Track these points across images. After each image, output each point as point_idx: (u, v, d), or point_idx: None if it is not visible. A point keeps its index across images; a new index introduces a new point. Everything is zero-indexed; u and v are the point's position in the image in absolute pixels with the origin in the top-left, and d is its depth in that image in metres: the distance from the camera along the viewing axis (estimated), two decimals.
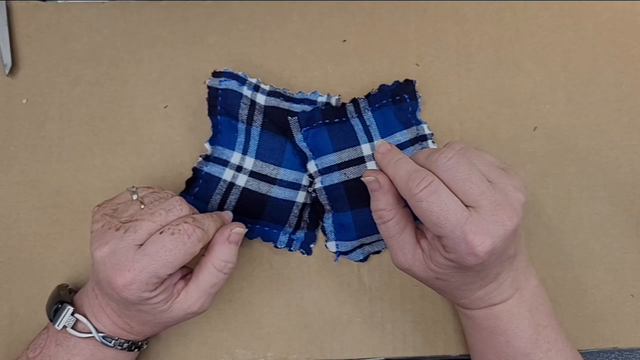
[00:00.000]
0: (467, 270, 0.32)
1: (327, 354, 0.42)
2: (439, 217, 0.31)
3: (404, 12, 0.45)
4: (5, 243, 0.43)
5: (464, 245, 0.30)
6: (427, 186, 0.31)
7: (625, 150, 0.44)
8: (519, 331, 0.35)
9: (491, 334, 0.36)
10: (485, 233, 0.30)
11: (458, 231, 0.30)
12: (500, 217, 0.31)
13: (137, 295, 0.32)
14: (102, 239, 0.33)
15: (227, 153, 0.42)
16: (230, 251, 0.36)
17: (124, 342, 0.36)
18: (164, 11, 0.45)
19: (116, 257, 0.32)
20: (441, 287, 0.35)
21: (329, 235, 0.42)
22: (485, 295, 0.35)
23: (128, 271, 0.32)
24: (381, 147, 0.35)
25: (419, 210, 0.31)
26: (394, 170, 0.34)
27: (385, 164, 0.35)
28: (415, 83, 0.43)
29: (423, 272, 0.34)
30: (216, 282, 0.36)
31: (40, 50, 0.44)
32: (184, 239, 0.33)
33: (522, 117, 0.44)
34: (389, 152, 0.35)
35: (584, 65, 0.45)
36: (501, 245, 0.31)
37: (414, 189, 0.31)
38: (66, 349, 0.35)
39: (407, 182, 0.32)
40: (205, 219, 0.35)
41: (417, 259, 0.34)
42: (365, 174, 0.36)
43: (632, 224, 0.44)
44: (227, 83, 0.41)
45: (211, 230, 0.35)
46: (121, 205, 0.35)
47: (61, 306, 0.36)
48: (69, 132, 0.44)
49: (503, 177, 0.33)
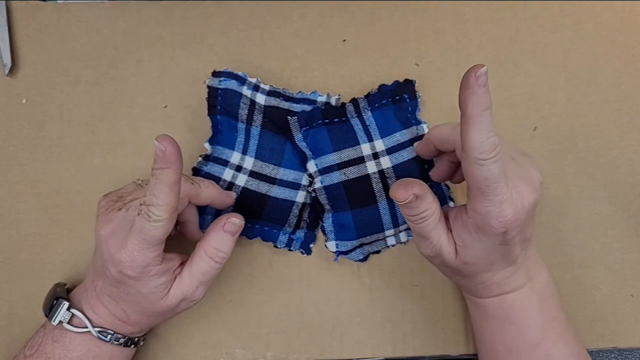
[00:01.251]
0: (489, 238, 0.33)
1: (326, 354, 0.42)
2: (490, 184, 0.30)
3: (404, 12, 0.45)
4: (4, 243, 0.43)
5: (497, 212, 0.31)
6: (496, 155, 0.30)
7: (625, 150, 0.44)
8: (530, 321, 0.35)
9: (502, 324, 0.36)
10: (512, 203, 0.31)
11: (497, 200, 0.31)
12: (524, 189, 0.32)
13: (139, 267, 0.33)
14: (106, 219, 0.35)
15: (226, 153, 0.42)
16: (223, 240, 0.36)
17: (120, 337, 0.36)
18: (164, 11, 0.45)
19: (118, 234, 0.33)
20: (465, 273, 0.35)
21: (329, 235, 0.42)
22: (501, 280, 0.35)
23: (127, 244, 0.33)
24: (482, 78, 0.29)
25: (477, 172, 0.30)
26: (478, 119, 0.29)
27: (476, 104, 0.29)
28: (415, 83, 0.43)
29: (452, 259, 0.35)
30: (207, 269, 0.36)
31: (40, 50, 0.44)
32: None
33: (522, 117, 0.44)
34: (484, 90, 0.29)
35: (584, 65, 0.45)
36: (523, 217, 0.32)
37: (486, 154, 0.30)
38: (62, 345, 0.36)
39: (484, 144, 0.29)
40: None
41: (450, 243, 0.34)
42: (398, 194, 0.33)
43: (631, 224, 0.44)
44: (227, 83, 0.42)
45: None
46: (126, 193, 0.37)
47: (57, 302, 0.36)
48: (69, 132, 0.44)
49: (523, 156, 0.35)
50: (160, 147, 0.30)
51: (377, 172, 0.41)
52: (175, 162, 0.31)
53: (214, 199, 0.39)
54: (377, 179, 0.41)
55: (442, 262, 0.35)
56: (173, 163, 0.30)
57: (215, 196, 0.39)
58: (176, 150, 0.31)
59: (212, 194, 0.38)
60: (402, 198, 0.33)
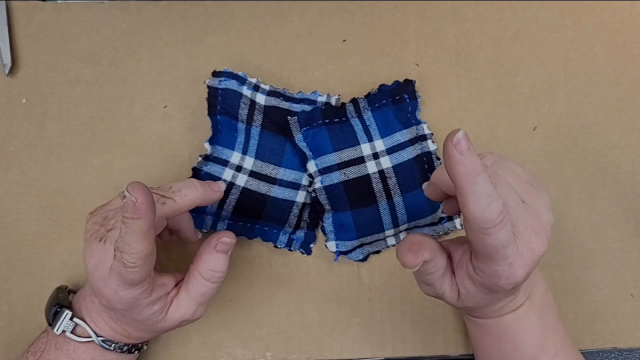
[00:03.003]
0: (497, 294, 0.31)
1: (326, 354, 0.42)
2: (498, 251, 0.28)
3: (404, 12, 0.45)
4: (4, 243, 0.43)
5: (506, 275, 0.29)
6: (502, 221, 0.27)
7: (625, 150, 0.44)
8: (527, 337, 0.35)
9: (498, 340, 0.36)
10: (523, 262, 0.29)
11: (507, 263, 0.29)
12: (536, 244, 0.29)
13: (127, 303, 0.32)
14: (89, 249, 0.33)
15: (226, 153, 0.42)
16: (217, 261, 0.35)
17: (123, 346, 0.36)
18: (164, 11, 0.45)
19: (100, 269, 0.32)
20: (465, 311, 0.35)
21: (329, 235, 0.42)
22: (500, 307, 0.35)
23: (109, 283, 0.32)
24: (462, 144, 0.26)
25: (481, 241, 0.28)
26: (471, 187, 0.26)
27: (464, 173, 0.26)
28: (414, 83, 0.43)
29: (454, 302, 0.33)
30: (205, 291, 0.35)
31: (39, 50, 0.44)
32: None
33: (522, 117, 0.44)
34: (469, 156, 0.26)
35: (584, 65, 0.45)
36: (532, 269, 0.30)
37: (490, 222, 0.27)
38: (66, 353, 0.35)
39: (485, 212, 0.27)
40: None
41: (453, 289, 0.33)
42: (407, 261, 0.31)
43: (631, 224, 0.44)
44: (227, 83, 0.42)
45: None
46: (111, 213, 0.35)
47: (60, 310, 0.36)
48: (69, 132, 0.44)
49: (534, 195, 0.31)
50: (132, 198, 0.28)
51: (377, 172, 0.41)
52: (146, 212, 0.29)
53: (198, 202, 0.36)
54: (377, 179, 0.41)
55: (443, 300, 0.34)
56: (144, 214, 0.29)
57: (198, 198, 0.35)
58: (148, 200, 0.29)
59: (192, 198, 0.35)
60: (412, 265, 0.31)
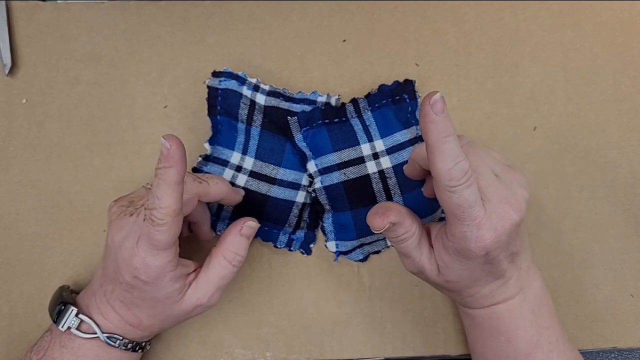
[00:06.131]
0: (470, 261, 0.32)
1: (326, 354, 0.42)
2: (464, 210, 0.30)
3: (404, 12, 0.45)
4: (4, 243, 0.43)
5: (475, 237, 0.31)
6: (467, 180, 0.29)
7: (625, 150, 0.44)
8: (520, 331, 0.35)
9: (492, 334, 0.36)
10: (491, 226, 0.31)
11: (474, 224, 0.30)
12: (506, 210, 0.31)
13: (154, 273, 0.33)
14: (118, 225, 0.34)
15: (226, 153, 0.42)
16: (241, 243, 0.37)
17: (128, 343, 0.36)
18: (164, 11, 0.45)
19: (130, 240, 0.33)
20: (450, 288, 0.35)
21: (329, 235, 0.42)
22: (489, 293, 0.35)
23: (138, 251, 0.32)
24: (438, 104, 0.28)
25: (448, 199, 0.30)
26: (441, 147, 0.29)
27: (435, 132, 0.29)
28: (414, 83, 0.43)
29: (435, 276, 0.35)
30: (225, 273, 0.36)
31: (39, 50, 0.44)
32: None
33: (522, 117, 0.44)
34: (442, 117, 0.28)
35: (584, 65, 0.45)
36: (505, 238, 0.31)
37: (455, 181, 0.29)
38: (71, 351, 0.35)
39: (451, 171, 0.29)
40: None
41: (432, 262, 0.34)
42: (375, 223, 0.34)
43: (631, 224, 0.44)
44: (227, 83, 0.42)
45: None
46: (137, 198, 0.37)
47: (64, 307, 0.36)
48: (69, 132, 0.44)
49: (508, 172, 0.33)
50: (166, 145, 0.30)
51: (377, 172, 0.41)
52: (178, 161, 0.30)
53: (224, 195, 0.38)
54: (377, 179, 0.41)
55: (425, 278, 0.36)
56: (177, 162, 0.30)
57: (225, 192, 0.38)
58: (181, 150, 0.30)
59: (222, 189, 0.38)
60: (378, 227, 0.33)
